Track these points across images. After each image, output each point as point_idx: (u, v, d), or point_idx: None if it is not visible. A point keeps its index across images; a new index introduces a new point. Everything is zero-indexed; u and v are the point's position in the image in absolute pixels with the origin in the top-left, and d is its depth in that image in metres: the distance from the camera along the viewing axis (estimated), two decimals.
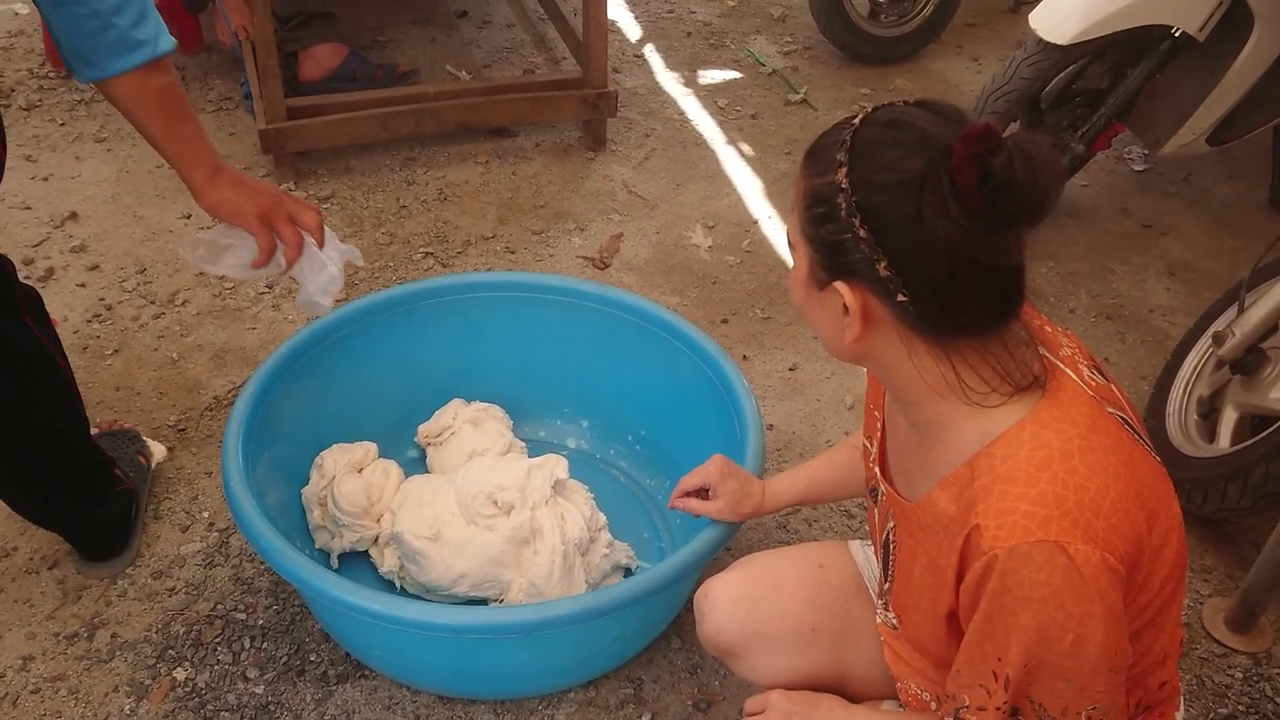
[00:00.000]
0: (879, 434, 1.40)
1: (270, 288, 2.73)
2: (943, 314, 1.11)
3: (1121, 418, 1.19)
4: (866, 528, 2.21)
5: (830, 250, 1.12)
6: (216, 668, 1.91)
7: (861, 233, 1.08)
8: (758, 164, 3.34)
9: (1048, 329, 1.25)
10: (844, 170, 1.09)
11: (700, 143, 3.44)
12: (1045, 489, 1.09)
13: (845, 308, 1.13)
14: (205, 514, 2.18)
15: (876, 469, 1.39)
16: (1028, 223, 1.06)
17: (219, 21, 3.42)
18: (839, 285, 1.13)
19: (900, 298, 1.10)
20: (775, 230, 3.06)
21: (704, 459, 1.82)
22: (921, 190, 1.05)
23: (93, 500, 1.99)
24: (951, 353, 1.14)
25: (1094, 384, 1.20)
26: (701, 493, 1.75)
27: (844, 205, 1.09)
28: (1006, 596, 1.10)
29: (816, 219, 1.13)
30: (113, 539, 2.06)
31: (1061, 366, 1.19)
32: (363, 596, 1.59)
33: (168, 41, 1.56)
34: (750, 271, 2.91)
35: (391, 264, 2.84)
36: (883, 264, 1.08)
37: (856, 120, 1.13)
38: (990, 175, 1.01)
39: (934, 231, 1.05)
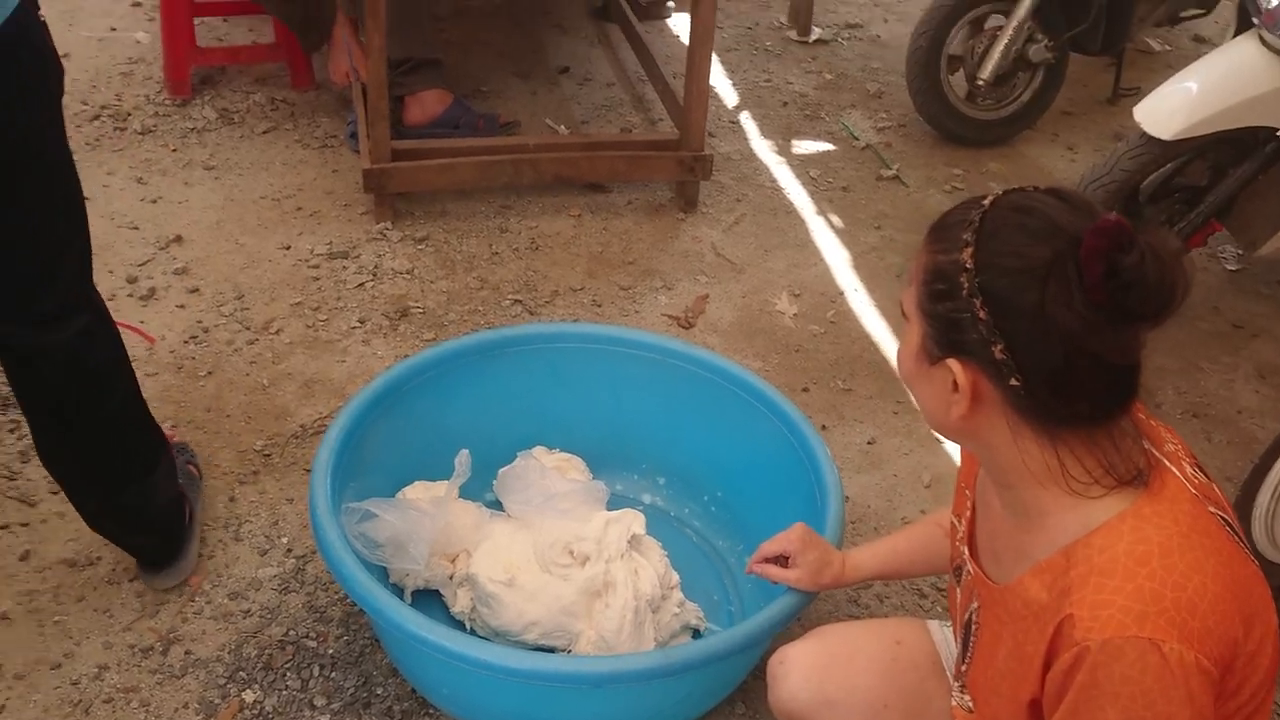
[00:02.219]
0: (969, 513, 1.39)
1: (362, 322, 2.79)
2: (1054, 402, 1.11)
3: (1222, 518, 1.18)
4: (938, 608, 2.20)
5: (946, 327, 1.13)
6: (285, 693, 1.93)
7: (981, 314, 1.09)
8: (846, 236, 3.36)
9: (1152, 422, 1.25)
10: (969, 250, 1.10)
11: (790, 211, 3.46)
12: (1143, 584, 1.08)
13: (955, 385, 1.14)
14: (284, 539, 2.22)
15: (964, 548, 1.38)
16: (1151, 322, 1.07)
17: (332, 61, 3.51)
18: (951, 362, 1.14)
19: (1013, 382, 1.10)
20: (861, 302, 3.07)
21: (780, 525, 1.82)
22: (1047, 279, 1.06)
23: (144, 468, 1.99)
24: (1058, 441, 1.14)
25: (1196, 482, 1.19)
26: (781, 560, 1.75)
27: (966, 285, 1.10)
28: (1095, 690, 1.09)
29: (936, 295, 1.14)
30: (168, 542, 2.08)
31: (1165, 462, 1.18)
32: (439, 634, 1.61)
33: None
34: (834, 342, 2.91)
35: (480, 309, 2.88)
36: (999, 347, 1.09)
37: (986, 201, 1.14)
38: (1119, 272, 1.02)
39: (1055, 321, 1.06)
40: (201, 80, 3.72)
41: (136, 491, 1.98)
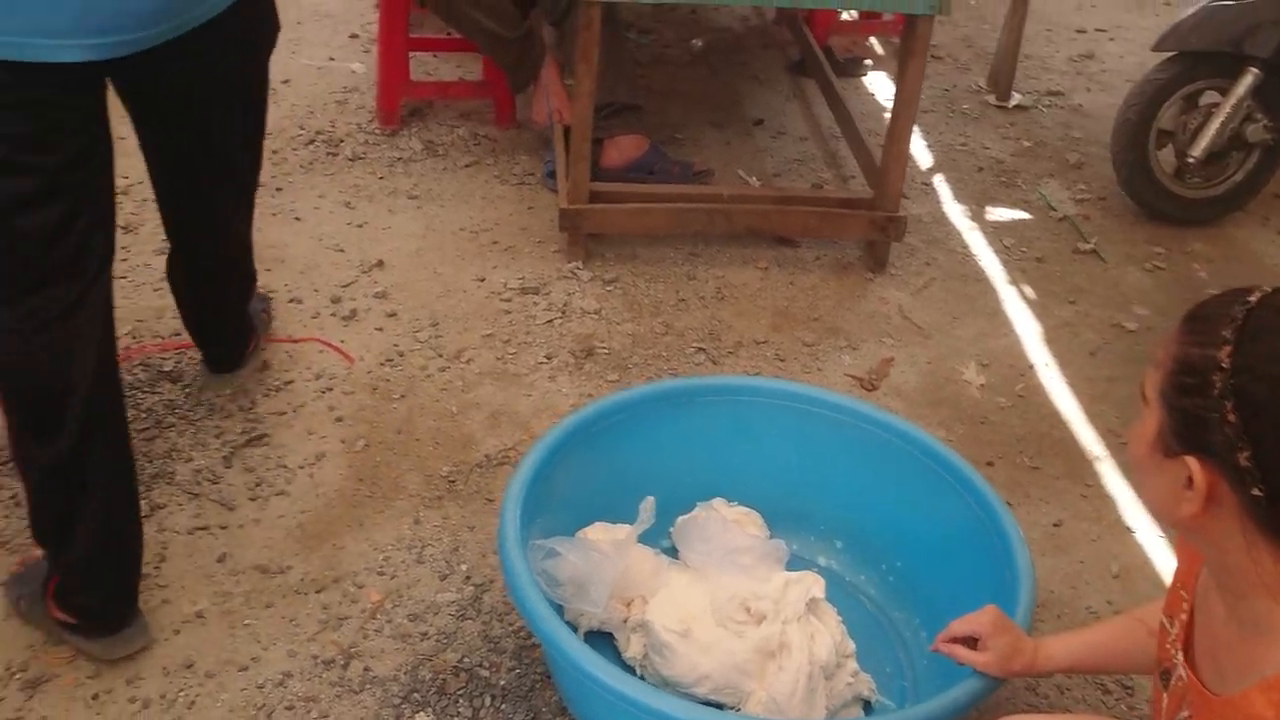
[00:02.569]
0: (1185, 616, 1.33)
1: (549, 358, 2.84)
2: None
3: None
4: (1123, 705, 2.11)
5: (1189, 422, 1.09)
6: (456, 719, 1.97)
7: (1230, 416, 1.05)
8: (1039, 308, 3.28)
9: None
10: (1228, 349, 1.06)
11: (981, 278, 3.40)
12: None
13: (1189, 482, 1.10)
14: (464, 566, 2.26)
15: (1178, 653, 1.32)
16: None
17: (536, 101, 3.61)
18: (1190, 460, 1.09)
19: (1255, 491, 1.06)
20: (1052, 378, 2.98)
21: (963, 603, 1.78)
22: None
23: (243, 292, 2.59)
24: None
25: None
26: (969, 641, 1.70)
27: (1219, 384, 1.06)
28: None
29: (1183, 388, 1.10)
30: (235, 356, 2.65)
31: None
32: (622, 680, 1.62)
33: None
34: (1022, 416, 2.84)
35: (664, 354, 2.90)
36: (1245, 454, 1.05)
37: (1253, 298, 1.10)
38: None
39: None
40: (410, 112, 3.87)
41: (231, 313, 2.58)
